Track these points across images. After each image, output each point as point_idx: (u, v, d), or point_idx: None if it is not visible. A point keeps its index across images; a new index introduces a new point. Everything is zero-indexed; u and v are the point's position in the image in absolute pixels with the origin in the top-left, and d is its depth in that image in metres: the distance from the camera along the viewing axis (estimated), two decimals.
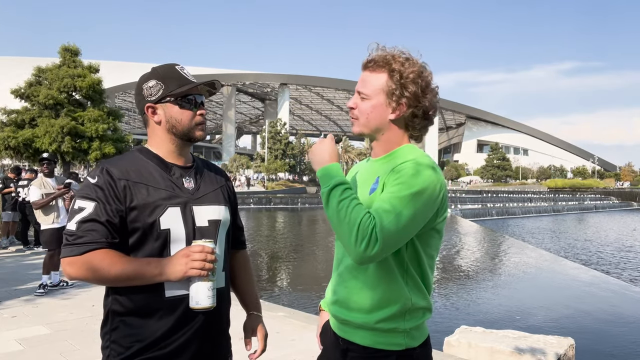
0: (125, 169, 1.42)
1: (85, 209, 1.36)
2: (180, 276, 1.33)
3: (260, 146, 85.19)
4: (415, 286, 1.43)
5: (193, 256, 1.32)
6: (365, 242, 1.26)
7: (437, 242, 1.47)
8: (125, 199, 1.38)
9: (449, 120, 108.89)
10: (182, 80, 1.46)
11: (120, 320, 1.41)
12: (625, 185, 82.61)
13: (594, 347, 6.43)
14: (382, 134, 1.49)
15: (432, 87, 1.47)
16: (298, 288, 9.76)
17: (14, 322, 4.91)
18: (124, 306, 1.40)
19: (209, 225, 1.48)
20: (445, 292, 9.72)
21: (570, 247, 18.38)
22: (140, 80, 1.51)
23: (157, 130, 1.50)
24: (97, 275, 1.33)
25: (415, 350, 1.44)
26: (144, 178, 1.42)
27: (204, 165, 1.62)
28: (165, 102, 1.46)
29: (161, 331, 1.39)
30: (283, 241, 17.81)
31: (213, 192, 1.54)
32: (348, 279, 1.48)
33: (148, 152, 1.50)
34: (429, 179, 1.35)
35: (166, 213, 1.41)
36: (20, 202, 10.24)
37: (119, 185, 1.38)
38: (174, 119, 1.47)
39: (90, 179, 1.40)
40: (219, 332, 1.53)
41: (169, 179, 1.46)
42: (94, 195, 1.37)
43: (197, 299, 1.35)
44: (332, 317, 1.56)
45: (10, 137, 26.00)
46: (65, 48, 28.25)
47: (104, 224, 1.35)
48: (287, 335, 4.52)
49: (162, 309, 1.39)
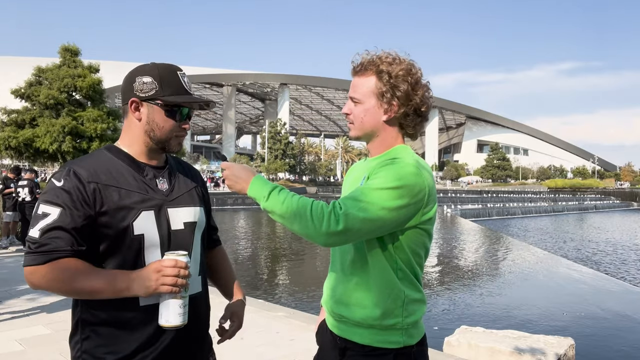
0: (94, 170, 1.31)
1: (49, 214, 1.25)
2: (150, 292, 1.22)
3: (260, 146, 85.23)
4: (408, 280, 1.45)
5: (165, 271, 1.21)
6: (325, 222, 1.28)
7: (425, 241, 1.47)
8: (95, 203, 1.28)
9: (449, 120, 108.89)
10: (179, 89, 1.38)
11: (92, 330, 1.32)
12: (625, 185, 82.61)
13: (594, 347, 6.43)
14: (377, 135, 1.52)
15: (422, 84, 1.47)
16: (298, 288, 9.77)
17: (14, 322, 4.91)
18: (95, 315, 1.32)
19: (184, 228, 1.41)
20: (446, 292, 9.72)
21: (570, 247, 18.38)
22: (136, 70, 1.40)
23: (134, 126, 1.40)
24: (60, 286, 1.25)
25: (412, 348, 1.46)
26: (115, 180, 1.32)
27: (178, 164, 1.54)
28: (153, 104, 1.37)
29: (137, 343, 1.31)
30: (283, 241, 17.81)
31: (188, 193, 1.47)
32: (345, 276, 1.49)
33: (118, 152, 1.40)
34: (409, 179, 1.36)
35: (140, 217, 1.32)
36: (20, 202, 10.25)
37: (88, 188, 1.28)
38: (156, 123, 1.37)
39: (56, 182, 1.28)
40: (198, 339, 1.47)
41: (141, 181, 1.37)
42: (59, 200, 1.26)
43: (167, 317, 1.25)
44: (330, 315, 1.56)
45: (10, 137, 26.01)
46: (65, 48, 28.26)
47: (69, 231, 1.25)
48: (287, 335, 4.52)
49: (136, 318, 1.31)
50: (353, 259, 1.47)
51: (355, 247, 1.46)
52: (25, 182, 10.35)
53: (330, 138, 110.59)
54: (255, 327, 4.63)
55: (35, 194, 10.36)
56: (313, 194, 46.64)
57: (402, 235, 1.42)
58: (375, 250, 1.43)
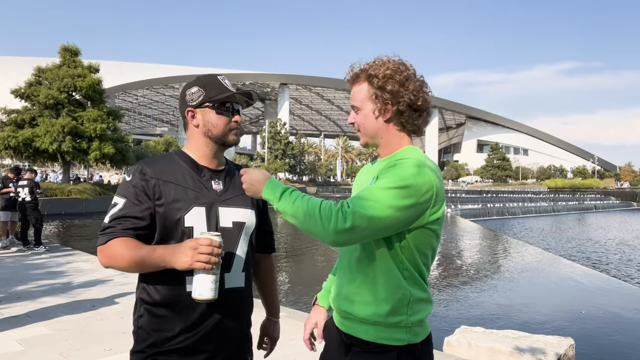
0: (158, 169, 1.52)
1: (117, 204, 1.48)
2: (186, 267, 1.38)
3: (260, 146, 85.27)
4: (413, 279, 1.47)
5: (200, 249, 1.36)
6: (333, 220, 1.31)
7: (432, 241, 1.49)
8: (155, 196, 1.48)
9: (449, 120, 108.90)
10: (221, 89, 1.56)
11: (146, 309, 1.50)
12: (625, 185, 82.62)
13: (594, 347, 6.43)
14: (380, 138, 1.55)
15: (415, 79, 1.50)
16: (298, 288, 9.76)
17: (14, 322, 4.91)
18: (149, 295, 1.50)
19: (232, 226, 1.56)
20: (446, 292, 9.72)
21: (570, 247, 18.38)
22: (185, 87, 1.61)
23: (195, 133, 1.59)
24: (116, 261, 1.44)
25: (416, 346, 1.47)
26: (175, 178, 1.52)
27: (236, 169, 1.68)
28: (204, 107, 1.56)
29: (180, 326, 1.46)
30: (283, 241, 17.81)
31: (242, 196, 1.58)
32: (351, 274, 1.51)
33: (183, 155, 1.59)
34: (416, 179, 1.37)
35: (191, 212, 1.49)
36: (20, 202, 10.24)
37: (150, 183, 1.49)
38: (211, 123, 1.56)
39: (127, 177, 1.52)
40: (238, 332, 1.58)
41: (198, 180, 1.55)
42: (126, 192, 1.48)
43: (200, 291, 1.39)
44: (336, 312, 1.58)
45: (10, 137, 25.99)
46: (65, 48, 28.27)
47: (131, 218, 1.46)
48: (287, 335, 4.49)
49: (182, 302, 1.46)
50: (359, 257, 1.49)
51: (362, 246, 1.47)
52: (25, 182, 10.34)
53: (330, 138, 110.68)
54: (255, 327, 4.63)
55: (35, 194, 10.35)
56: (313, 194, 46.46)
57: (409, 235, 1.43)
58: (381, 249, 1.45)
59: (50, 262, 8.61)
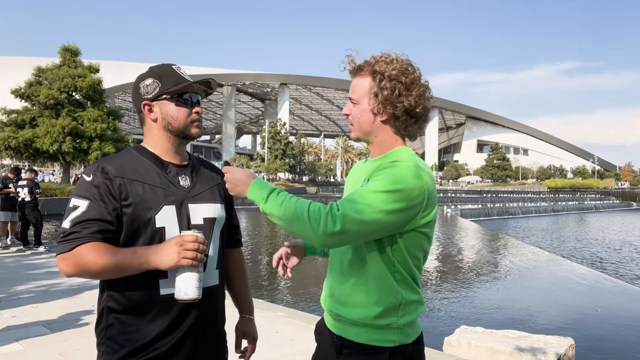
0: (121, 167, 1.42)
1: (79, 207, 1.36)
2: (172, 265, 1.31)
3: (260, 146, 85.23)
4: (405, 282, 1.46)
5: (186, 245, 1.30)
6: (322, 223, 1.29)
7: (423, 244, 1.47)
8: (121, 196, 1.38)
9: (449, 120, 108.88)
10: (178, 79, 1.47)
11: (115, 318, 1.40)
12: (625, 185, 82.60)
13: (594, 347, 6.43)
14: (375, 136, 1.51)
15: (419, 84, 1.46)
16: (298, 288, 9.77)
17: (14, 322, 4.91)
18: (118, 303, 1.40)
19: (203, 223, 1.49)
20: (446, 292, 9.72)
21: (570, 247, 18.38)
22: (137, 79, 1.51)
23: (154, 128, 1.50)
24: (86, 269, 1.32)
25: (408, 347, 1.46)
26: (140, 176, 1.42)
27: (200, 163, 1.62)
28: (161, 100, 1.47)
29: (156, 331, 1.39)
30: (283, 241, 17.82)
31: (209, 190, 1.55)
32: (343, 276, 1.50)
33: (144, 151, 1.50)
34: (407, 182, 1.35)
35: (161, 211, 1.41)
36: (20, 202, 10.25)
37: (115, 182, 1.38)
38: (170, 116, 1.47)
39: (86, 177, 1.40)
40: (215, 330, 1.54)
41: (165, 177, 1.46)
42: (88, 193, 1.37)
43: (186, 290, 1.32)
44: (328, 313, 1.58)
45: (10, 137, 25.99)
46: (65, 48, 28.25)
47: (96, 221, 1.35)
48: (286, 335, 4.51)
49: (156, 307, 1.39)
50: (351, 260, 1.47)
51: (353, 248, 1.46)
52: (24, 182, 10.35)
53: (330, 138, 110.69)
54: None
55: (35, 194, 10.36)
56: (313, 194, 46.63)
57: (401, 238, 1.42)
58: (373, 252, 1.43)
59: (50, 262, 8.61)
